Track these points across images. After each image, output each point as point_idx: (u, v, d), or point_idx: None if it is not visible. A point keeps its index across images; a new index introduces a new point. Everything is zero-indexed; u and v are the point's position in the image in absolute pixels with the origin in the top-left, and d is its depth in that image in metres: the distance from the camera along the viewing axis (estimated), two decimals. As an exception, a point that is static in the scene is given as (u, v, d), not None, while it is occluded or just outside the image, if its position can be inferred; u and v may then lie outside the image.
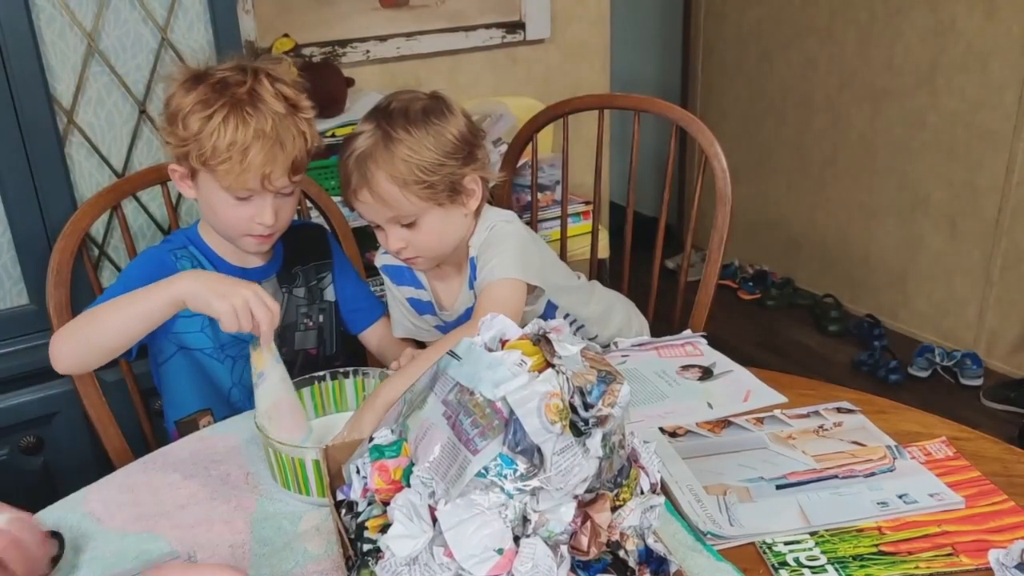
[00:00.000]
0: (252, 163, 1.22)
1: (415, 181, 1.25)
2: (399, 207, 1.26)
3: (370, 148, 1.26)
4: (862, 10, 3.19)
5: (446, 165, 1.27)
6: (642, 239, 2.03)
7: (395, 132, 1.25)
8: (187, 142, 1.24)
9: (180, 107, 1.24)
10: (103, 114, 1.72)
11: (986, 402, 2.84)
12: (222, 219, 1.31)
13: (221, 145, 1.21)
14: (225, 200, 1.27)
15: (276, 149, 1.24)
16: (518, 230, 1.37)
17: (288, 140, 1.25)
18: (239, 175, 1.23)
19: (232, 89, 1.24)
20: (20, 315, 1.70)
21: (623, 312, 1.61)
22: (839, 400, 1.28)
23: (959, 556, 0.97)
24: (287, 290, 1.44)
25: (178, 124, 1.24)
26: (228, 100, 1.23)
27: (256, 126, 1.22)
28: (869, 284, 3.40)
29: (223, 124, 1.21)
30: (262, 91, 1.25)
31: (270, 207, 1.28)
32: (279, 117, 1.25)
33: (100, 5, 1.66)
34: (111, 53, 1.70)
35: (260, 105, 1.24)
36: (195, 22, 1.77)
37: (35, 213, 1.66)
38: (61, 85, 1.67)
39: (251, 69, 1.27)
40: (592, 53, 2.95)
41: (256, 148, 1.22)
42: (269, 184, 1.26)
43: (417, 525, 0.83)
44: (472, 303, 1.39)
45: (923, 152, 3.09)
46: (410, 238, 1.30)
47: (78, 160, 1.72)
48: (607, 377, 0.83)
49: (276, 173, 1.25)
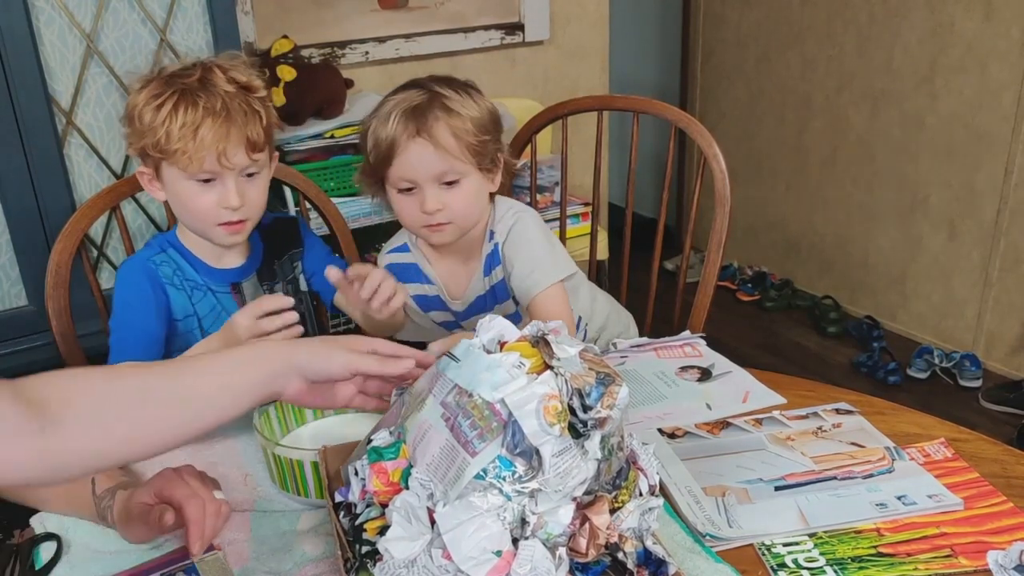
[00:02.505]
0: (204, 140, 1.24)
1: (472, 136, 1.29)
2: (452, 159, 1.28)
3: (426, 102, 1.28)
4: (861, 12, 3.19)
5: (492, 133, 1.32)
6: (641, 240, 2.03)
7: (448, 93, 1.29)
8: (143, 135, 1.26)
9: (134, 104, 1.27)
10: (102, 115, 1.73)
11: (985, 403, 2.84)
12: (190, 210, 1.31)
13: (173, 129, 1.23)
14: (189, 188, 1.28)
15: (227, 124, 1.25)
16: (538, 222, 1.42)
17: (239, 115, 1.26)
18: (194, 154, 1.24)
19: (182, 79, 1.26)
20: (19, 316, 1.70)
21: (606, 305, 1.62)
22: (838, 401, 1.28)
23: (958, 557, 0.97)
24: (268, 287, 1.44)
25: (134, 121, 1.27)
26: (178, 88, 1.25)
27: (205, 105, 1.24)
28: (868, 285, 3.41)
29: (173, 110, 1.24)
30: (213, 78, 1.27)
31: (233, 188, 1.29)
32: (229, 96, 1.26)
33: (99, 6, 1.66)
34: (110, 54, 1.70)
35: (210, 88, 1.26)
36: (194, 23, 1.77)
37: (34, 214, 1.66)
38: (60, 86, 1.67)
39: (201, 63, 1.30)
40: (591, 54, 2.95)
41: (207, 125, 1.24)
42: (226, 160, 1.26)
43: (415, 527, 0.83)
44: (484, 291, 1.40)
45: (922, 153, 3.09)
46: (448, 200, 1.31)
47: (77, 161, 1.72)
48: (606, 379, 0.83)
49: (231, 149, 1.26)
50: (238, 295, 1.41)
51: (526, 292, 1.36)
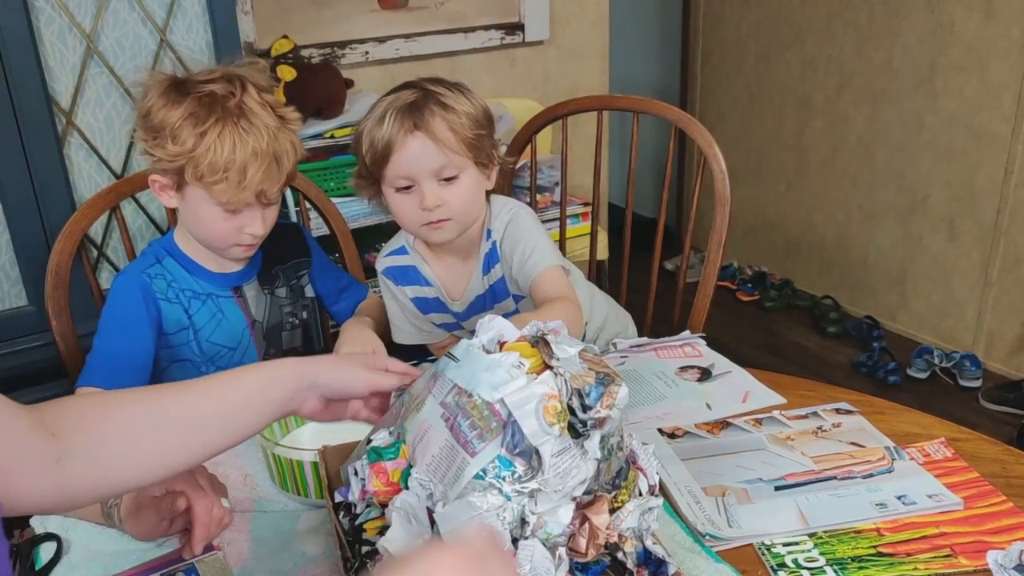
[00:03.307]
0: (252, 181, 1.23)
1: (468, 131, 1.29)
2: (450, 153, 1.28)
3: (421, 99, 1.28)
4: (861, 11, 3.19)
5: (486, 128, 1.33)
6: (641, 240, 2.03)
7: (441, 91, 1.30)
8: (179, 157, 1.22)
9: (166, 121, 1.23)
10: (102, 115, 1.73)
11: (985, 403, 2.84)
12: (210, 231, 1.31)
13: (218, 162, 1.21)
14: (215, 213, 1.27)
15: (273, 166, 1.25)
16: (533, 217, 1.42)
17: (283, 156, 1.26)
18: (236, 192, 1.23)
19: (221, 102, 1.23)
20: (19, 316, 1.70)
21: (604, 305, 1.62)
22: (838, 401, 1.28)
23: (958, 557, 0.97)
24: (269, 291, 1.44)
25: (166, 138, 1.23)
26: (220, 115, 1.22)
27: (254, 144, 1.22)
28: (868, 285, 3.41)
29: (219, 140, 1.21)
30: (251, 103, 1.25)
31: (259, 218, 1.30)
32: (272, 132, 1.25)
33: (99, 6, 1.66)
34: (110, 54, 1.70)
35: (253, 119, 1.24)
36: (194, 23, 1.77)
37: (34, 214, 1.66)
38: (60, 86, 1.67)
39: (236, 79, 1.26)
40: (591, 54, 2.95)
41: (255, 166, 1.23)
42: (264, 198, 1.28)
43: (415, 527, 0.83)
44: (483, 291, 1.40)
45: (922, 153, 3.09)
46: (447, 196, 1.31)
47: (77, 161, 1.72)
48: (605, 379, 0.83)
49: (272, 189, 1.27)
50: (240, 299, 1.41)
51: (527, 275, 1.35)
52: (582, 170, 2.83)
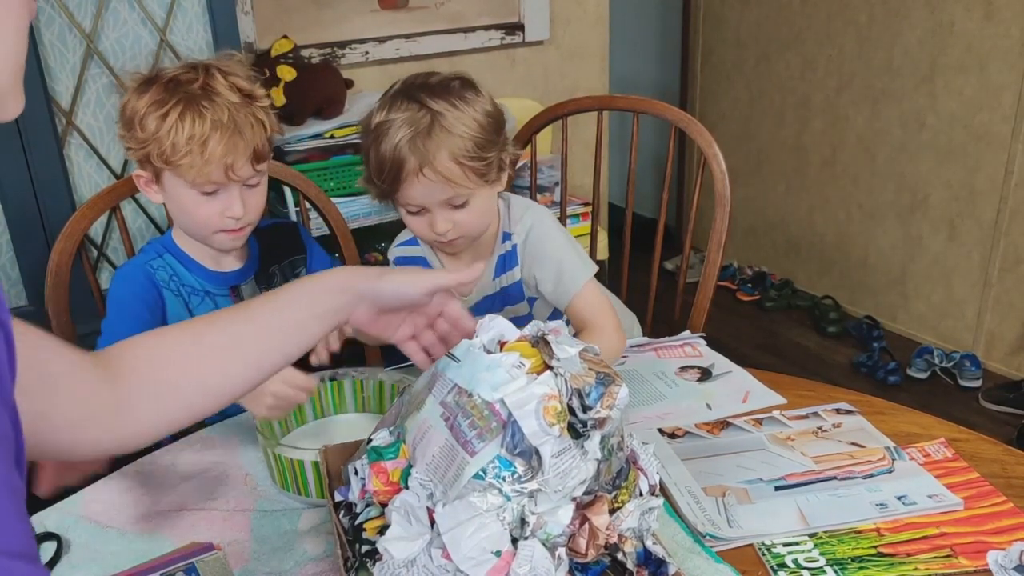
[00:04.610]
0: (213, 154, 1.23)
1: (475, 157, 1.25)
2: (458, 186, 1.26)
3: (426, 127, 1.24)
4: (861, 12, 3.19)
5: (494, 141, 1.28)
6: (641, 240, 2.03)
7: (445, 110, 1.24)
8: (146, 143, 1.24)
9: (135, 110, 1.25)
10: (102, 115, 1.72)
11: (985, 403, 2.84)
12: (192, 218, 1.31)
13: (180, 140, 1.22)
14: (192, 197, 1.28)
15: (236, 138, 1.25)
16: (555, 222, 1.41)
17: (246, 128, 1.26)
18: (202, 167, 1.23)
19: (185, 86, 1.25)
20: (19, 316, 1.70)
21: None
22: (838, 401, 1.28)
23: (958, 557, 0.97)
24: (266, 290, 1.44)
25: (135, 127, 1.25)
26: (182, 96, 1.24)
27: (213, 117, 1.23)
28: (868, 285, 3.40)
29: (179, 120, 1.22)
30: (215, 84, 1.26)
31: (238, 198, 1.29)
32: (235, 107, 1.25)
33: (99, 6, 1.66)
34: (110, 54, 1.70)
35: (215, 98, 1.25)
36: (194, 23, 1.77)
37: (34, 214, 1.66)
38: (60, 86, 1.67)
39: (202, 66, 1.28)
40: (591, 54, 2.95)
41: (215, 139, 1.23)
42: (233, 174, 1.26)
43: (415, 527, 0.83)
44: (494, 291, 1.40)
45: (922, 153, 3.09)
46: (458, 219, 1.30)
47: (77, 161, 1.72)
48: (605, 379, 0.83)
49: (239, 162, 1.26)
50: (237, 298, 1.41)
51: (562, 299, 1.36)
52: (582, 170, 2.83)
